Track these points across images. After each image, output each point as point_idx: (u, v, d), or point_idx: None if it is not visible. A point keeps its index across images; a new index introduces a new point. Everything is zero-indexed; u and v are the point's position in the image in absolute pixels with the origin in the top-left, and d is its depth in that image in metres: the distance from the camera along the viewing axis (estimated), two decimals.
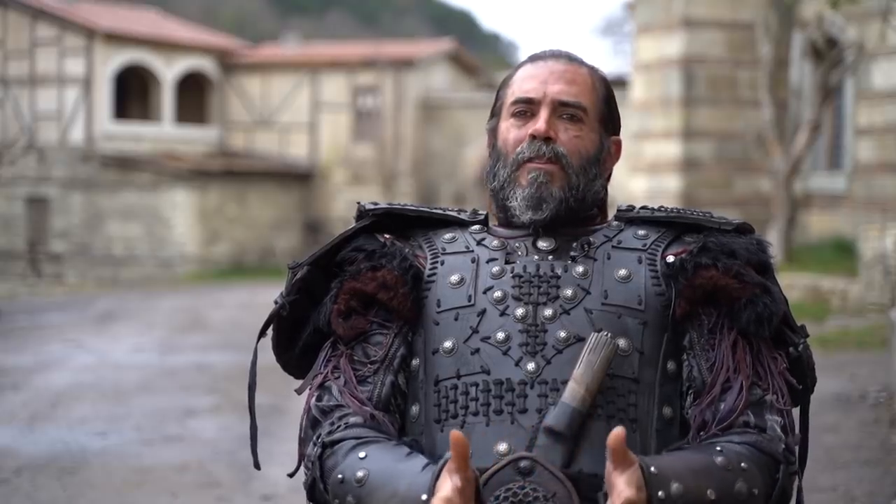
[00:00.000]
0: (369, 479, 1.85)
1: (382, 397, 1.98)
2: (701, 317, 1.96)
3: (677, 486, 1.76)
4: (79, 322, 16.15)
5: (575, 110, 2.02)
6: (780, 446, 1.89)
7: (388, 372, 1.99)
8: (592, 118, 2.05)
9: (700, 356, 1.95)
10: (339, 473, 1.88)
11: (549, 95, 2.02)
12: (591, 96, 2.05)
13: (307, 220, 29.92)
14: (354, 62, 30.11)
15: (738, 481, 1.82)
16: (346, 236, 2.11)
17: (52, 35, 28.78)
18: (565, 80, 2.04)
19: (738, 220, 2.08)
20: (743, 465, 1.84)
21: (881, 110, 16.85)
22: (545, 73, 2.05)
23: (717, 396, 1.91)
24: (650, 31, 20.01)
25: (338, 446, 1.92)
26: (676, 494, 1.76)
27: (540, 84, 2.04)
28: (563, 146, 2.01)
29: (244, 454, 6.32)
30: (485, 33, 71.01)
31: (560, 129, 2.02)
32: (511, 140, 2.04)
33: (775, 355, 1.97)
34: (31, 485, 6.77)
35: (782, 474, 1.88)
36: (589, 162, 2.03)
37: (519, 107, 2.04)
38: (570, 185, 2.01)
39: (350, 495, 1.86)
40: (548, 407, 1.88)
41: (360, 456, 1.88)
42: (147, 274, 27.57)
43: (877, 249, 12.23)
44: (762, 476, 1.86)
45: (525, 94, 2.04)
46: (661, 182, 19.72)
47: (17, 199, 28.84)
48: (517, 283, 1.98)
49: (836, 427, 7.49)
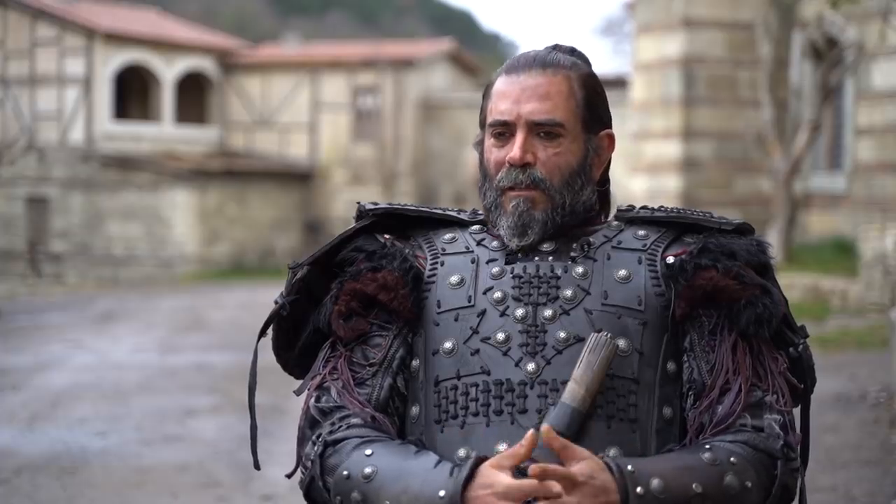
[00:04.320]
0: (378, 475, 1.84)
1: (381, 400, 1.98)
2: (701, 318, 1.96)
3: (658, 482, 1.77)
4: (79, 322, 16.15)
5: (551, 128, 2.00)
6: (777, 443, 1.88)
7: (386, 374, 1.99)
8: (572, 129, 2.01)
9: (700, 358, 1.95)
10: (345, 470, 1.87)
11: (524, 117, 1.99)
12: (567, 107, 2.00)
13: (307, 220, 29.92)
14: (354, 62, 30.11)
15: (728, 475, 1.82)
16: (345, 236, 2.11)
17: (52, 35, 28.78)
18: (538, 97, 1.99)
19: (739, 221, 2.07)
20: (732, 459, 1.84)
21: (881, 110, 16.85)
22: (517, 90, 2.01)
23: (716, 399, 1.91)
24: (650, 31, 20.01)
25: (340, 445, 1.91)
26: (657, 489, 1.76)
27: (513, 104, 2.00)
28: (541, 168, 1.99)
29: (244, 454, 6.33)
30: (485, 33, 70.98)
31: (538, 148, 2.00)
32: (493, 162, 2.03)
33: (776, 356, 1.96)
34: (31, 485, 6.77)
35: (781, 471, 1.87)
36: (572, 175, 2.01)
37: (496, 129, 2.03)
38: (554, 206, 2.00)
39: (356, 491, 1.85)
40: (548, 407, 1.88)
41: (367, 453, 1.87)
42: (147, 274, 27.57)
43: (877, 249, 12.22)
44: (755, 471, 1.85)
45: (500, 115, 2.01)
46: (661, 182, 19.72)
47: (17, 199, 28.84)
48: (517, 284, 1.98)
49: (836, 427, 7.49)
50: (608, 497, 1.74)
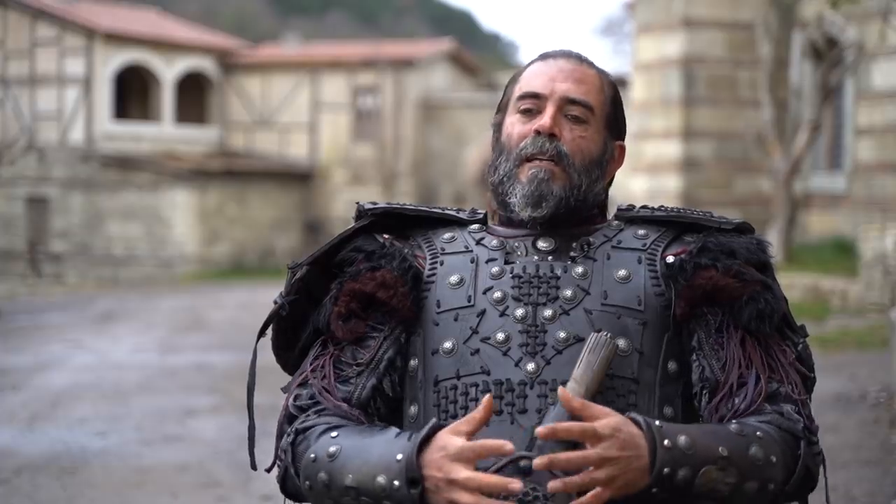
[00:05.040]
0: (341, 453, 1.85)
1: (362, 399, 1.97)
2: (707, 317, 1.96)
3: (685, 439, 1.76)
4: (79, 322, 16.15)
5: (582, 109, 2.01)
6: (799, 424, 1.89)
7: (371, 375, 1.99)
8: (598, 120, 2.04)
9: (710, 356, 1.95)
10: (312, 453, 1.89)
11: (557, 92, 2.01)
12: (598, 97, 2.04)
13: (307, 220, 29.92)
14: (354, 62, 30.11)
15: (754, 446, 1.82)
16: (345, 236, 2.11)
17: (52, 35, 28.78)
18: (574, 79, 2.03)
19: (738, 220, 2.07)
20: (758, 433, 1.84)
21: (881, 110, 16.85)
22: (554, 70, 2.04)
23: (735, 391, 1.91)
24: (650, 31, 20.01)
25: (310, 431, 1.93)
26: (684, 445, 1.75)
27: (548, 80, 2.03)
28: (566, 145, 2.00)
29: (244, 454, 6.32)
30: (485, 33, 70.99)
31: (565, 127, 2.01)
32: (515, 135, 2.03)
33: (784, 348, 1.97)
34: (31, 485, 6.77)
35: (804, 452, 1.87)
36: (592, 163, 2.03)
37: (525, 102, 2.03)
38: (572, 185, 2.00)
39: (322, 472, 1.86)
40: (547, 407, 1.88)
41: (333, 435, 1.89)
42: (147, 274, 27.57)
43: (877, 249, 12.22)
44: (780, 448, 1.85)
45: (533, 88, 2.03)
46: (661, 182, 19.72)
47: (17, 199, 28.84)
48: (517, 284, 1.98)
49: (836, 427, 7.48)
50: (637, 450, 1.73)
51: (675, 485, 1.75)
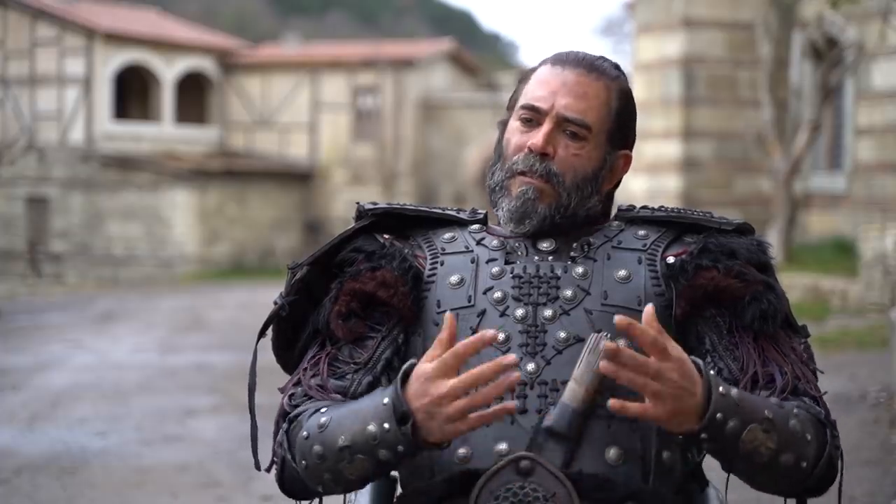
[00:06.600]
0: (331, 422, 1.86)
1: (357, 395, 1.97)
2: (716, 319, 1.97)
3: (736, 391, 1.77)
4: (79, 322, 16.14)
5: (578, 128, 2.00)
6: (821, 415, 1.91)
7: (367, 374, 1.99)
8: (598, 135, 2.02)
9: (726, 357, 1.95)
10: (304, 432, 1.90)
11: (556, 109, 2.00)
12: (600, 112, 2.02)
13: (307, 220, 29.91)
14: (354, 62, 30.11)
15: (792, 419, 1.83)
16: (345, 237, 2.11)
17: (52, 35, 28.77)
18: (575, 95, 2.00)
19: (739, 221, 2.08)
20: (795, 411, 1.85)
21: (881, 110, 16.84)
22: (558, 82, 2.02)
23: (762, 386, 1.91)
24: (650, 31, 20.01)
25: (301, 415, 1.94)
26: (736, 397, 1.76)
27: (550, 94, 2.01)
28: (557, 164, 1.99)
29: (244, 454, 6.32)
30: (485, 33, 70.98)
31: (560, 144, 2.00)
32: (513, 144, 2.03)
33: (793, 345, 1.98)
34: (31, 485, 6.77)
35: (829, 441, 1.89)
36: (585, 180, 2.02)
37: (526, 113, 2.03)
38: (559, 204, 2.00)
39: (315, 444, 1.87)
40: (547, 407, 1.88)
41: (322, 411, 1.91)
42: (147, 274, 27.57)
43: (877, 249, 12.22)
44: (814, 429, 1.86)
45: (534, 101, 2.02)
46: (661, 182, 19.72)
47: (17, 199, 28.84)
48: (517, 284, 1.99)
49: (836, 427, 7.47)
50: (693, 386, 1.73)
51: (725, 435, 1.75)
